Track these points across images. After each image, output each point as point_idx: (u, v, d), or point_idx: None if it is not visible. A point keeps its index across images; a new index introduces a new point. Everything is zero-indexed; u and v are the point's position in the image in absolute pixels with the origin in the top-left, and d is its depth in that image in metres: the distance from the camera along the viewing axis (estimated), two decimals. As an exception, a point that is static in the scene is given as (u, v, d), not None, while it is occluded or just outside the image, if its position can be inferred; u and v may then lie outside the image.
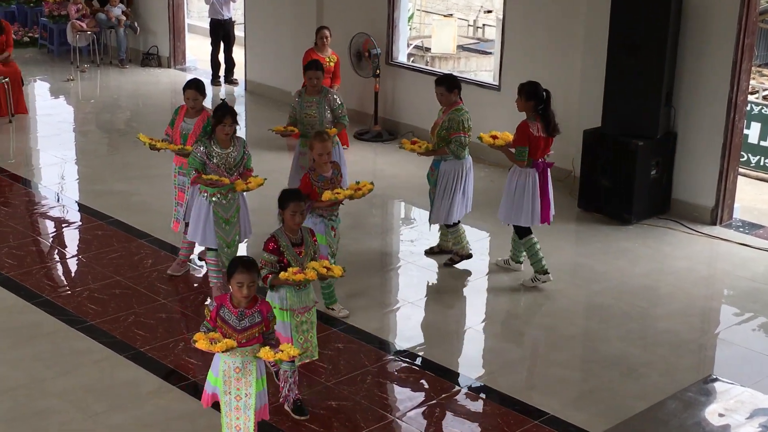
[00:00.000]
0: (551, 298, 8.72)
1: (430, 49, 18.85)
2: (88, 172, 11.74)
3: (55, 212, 10.54)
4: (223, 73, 15.91)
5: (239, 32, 16.14)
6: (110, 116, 14.17)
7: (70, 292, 8.57)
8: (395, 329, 8.21)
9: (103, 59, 16.98)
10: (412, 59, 16.48)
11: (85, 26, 16.77)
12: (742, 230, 10.28)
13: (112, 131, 13.52)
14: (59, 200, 10.83)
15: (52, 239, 9.82)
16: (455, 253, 9.30)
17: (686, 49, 10.23)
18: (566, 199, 11.01)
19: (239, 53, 15.76)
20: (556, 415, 6.91)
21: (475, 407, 7.13)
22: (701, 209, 10.47)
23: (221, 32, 15.67)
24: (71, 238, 9.84)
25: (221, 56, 15.84)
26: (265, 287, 6.61)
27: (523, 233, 8.88)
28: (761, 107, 12.58)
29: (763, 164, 12.38)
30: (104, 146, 12.75)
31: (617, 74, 10.24)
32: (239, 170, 8.02)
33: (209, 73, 16.01)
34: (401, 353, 7.71)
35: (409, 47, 15.87)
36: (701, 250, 9.84)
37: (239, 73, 15.77)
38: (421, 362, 7.61)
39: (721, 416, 7.01)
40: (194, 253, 9.03)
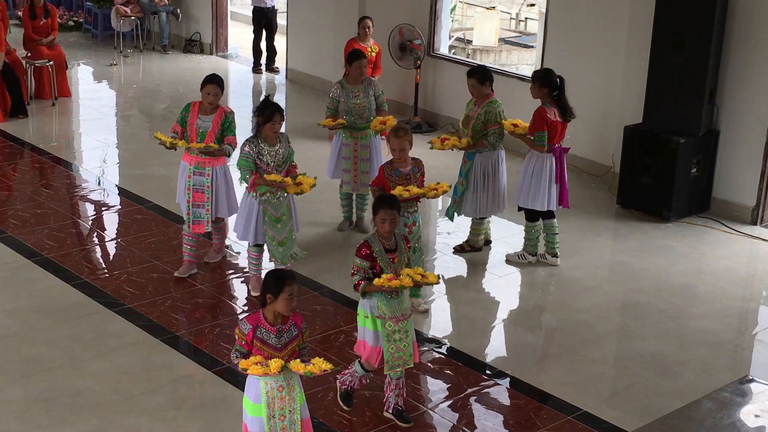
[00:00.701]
0: (587, 293, 8.69)
1: (471, 41, 18.79)
2: (128, 156, 11.84)
3: (95, 195, 10.64)
4: (264, 61, 15.97)
5: (281, 20, 16.19)
6: (152, 101, 14.26)
7: (108, 274, 8.66)
8: (429, 320, 8.21)
9: (146, 45, 17.10)
10: (453, 51, 16.45)
11: (129, 11, 16.89)
12: (783, 231, 10.19)
13: (153, 116, 13.61)
14: (100, 183, 10.93)
15: (91, 222, 9.91)
16: (467, 242, 9.42)
17: (731, 46, 10.13)
18: (605, 195, 10.97)
19: (281, 42, 15.81)
20: (589, 411, 6.89)
21: (507, 400, 7.12)
22: (742, 208, 10.38)
23: (264, 20, 15.72)
24: (111, 221, 9.93)
25: (263, 44, 15.89)
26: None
27: (533, 218, 9.05)
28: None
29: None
30: (145, 131, 12.83)
31: (660, 71, 10.16)
32: (286, 167, 7.93)
33: (251, 60, 16.08)
34: (433, 344, 7.71)
35: (450, 39, 15.83)
36: (741, 249, 9.75)
37: (280, 61, 15.82)
38: (453, 354, 7.61)
39: (756, 417, 6.95)
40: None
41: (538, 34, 12.82)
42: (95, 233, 9.62)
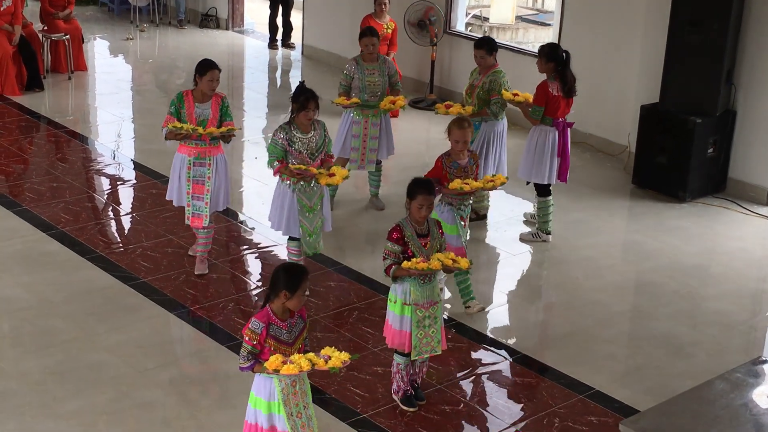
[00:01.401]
0: (601, 273, 8.68)
1: (488, 18, 18.71)
2: (144, 131, 11.86)
3: (110, 170, 10.67)
4: (280, 36, 15.94)
5: (298, -4, 16.16)
6: (167, 76, 14.27)
7: (123, 249, 8.69)
8: (444, 299, 8.23)
9: (162, 19, 17.09)
10: (469, 28, 16.37)
11: (145, -14, 16.88)
12: (798, 212, 10.15)
13: (169, 91, 13.62)
14: (115, 158, 10.96)
15: (107, 196, 9.94)
16: (472, 210, 9.38)
17: (750, 26, 10.06)
18: (620, 174, 10.94)
19: (297, 17, 15.78)
20: (601, 390, 6.90)
21: (520, 379, 7.13)
22: (758, 189, 10.34)
23: (280, -5, 15.69)
24: (126, 195, 9.96)
25: (279, 20, 15.86)
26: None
27: (544, 192, 9.11)
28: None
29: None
30: (161, 106, 12.83)
31: (678, 50, 10.10)
32: (321, 156, 7.68)
33: (266, 36, 16.06)
34: (448, 322, 7.73)
35: (467, 16, 15.78)
36: (756, 230, 9.72)
37: (296, 37, 15.79)
38: (465, 332, 7.62)
39: (769, 398, 6.94)
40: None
41: (555, 11, 12.74)
42: (110, 207, 9.66)
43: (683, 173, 10.19)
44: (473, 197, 9.23)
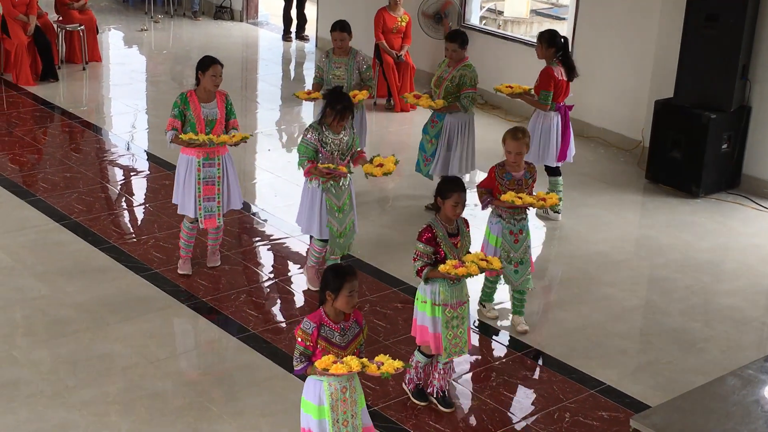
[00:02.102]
0: (614, 268, 8.67)
1: (503, 12, 18.68)
2: (157, 121, 11.87)
3: (124, 160, 10.69)
4: (294, 29, 15.94)
5: (312, -12, 16.15)
6: (182, 68, 14.28)
7: (136, 239, 8.71)
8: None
9: (176, 11, 17.11)
10: (484, 22, 16.35)
11: (160, -23, 16.90)
12: (813, 209, 10.11)
13: (183, 82, 13.64)
14: (129, 149, 10.98)
15: (120, 187, 9.96)
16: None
17: (766, 21, 10.01)
18: (634, 169, 10.91)
19: (311, 10, 15.77)
20: (612, 385, 6.89)
21: (531, 373, 7.13)
22: (772, 186, 10.31)
23: (295, -12, 15.69)
24: (139, 186, 9.98)
25: (293, 12, 15.86)
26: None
27: (554, 172, 9.32)
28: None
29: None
30: (175, 97, 12.86)
31: (693, 44, 10.06)
32: (351, 155, 7.57)
33: (281, 28, 16.06)
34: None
35: (482, 10, 15.74)
36: (770, 227, 9.70)
37: (310, 29, 15.79)
38: (478, 326, 7.62)
39: (781, 396, 6.92)
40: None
41: (569, 5, 12.72)
42: (124, 198, 9.68)
43: (697, 169, 10.15)
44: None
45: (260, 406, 6.47)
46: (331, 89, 7.68)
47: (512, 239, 7.27)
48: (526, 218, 7.34)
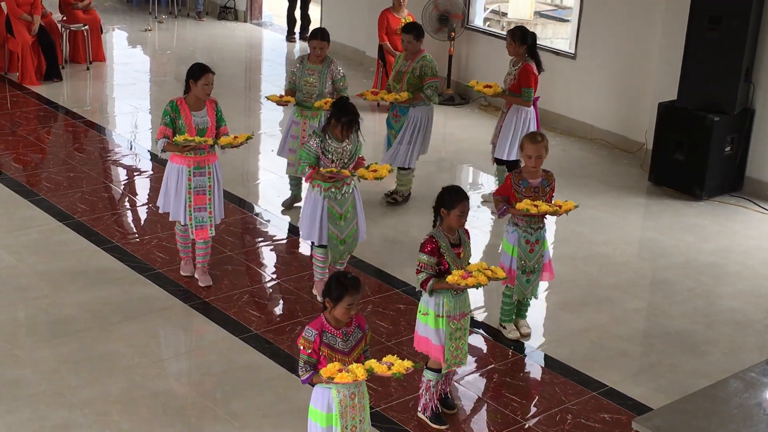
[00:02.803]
0: (616, 270, 8.66)
1: (506, 14, 18.68)
2: (161, 122, 11.86)
3: (127, 160, 10.70)
4: (298, 30, 15.95)
5: (316, -11, 16.16)
6: (185, 68, 14.14)
7: (139, 239, 8.72)
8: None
9: (180, 11, 17.13)
10: (488, 24, 16.35)
11: (164, -23, 16.92)
12: (816, 212, 10.10)
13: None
14: (132, 148, 10.99)
15: (123, 186, 9.97)
16: (399, 193, 9.70)
17: (769, 24, 10.02)
18: (637, 171, 10.91)
19: (315, 10, 15.78)
20: (614, 387, 6.89)
21: (533, 375, 7.13)
22: (775, 188, 10.31)
23: (298, -12, 15.70)
24: (142, 186, 9.99)
25: (297, 13, 15.86)
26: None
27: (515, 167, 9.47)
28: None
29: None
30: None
31: (697, 47, 10.05)
32: (353, 163, 7.47)
33: (284, 29, 16.07)
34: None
35: (485, 11, 15.75)
36: (773, 230, 9.69)
37: (314, 30, 15.79)
38: (479, 327, 7.61)
39: (783, 398, 6.91)
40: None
41: (574, 7, 12.73)
42: (127, 198, 9.69)
43: (700, 171, 10.15)
44: (398, 180, 9.52)
45: (262, 406, 6.47)
46: (337, 100, 7.58)
47: (527, 248, 7.16)
48: (543, 227, 7.21)
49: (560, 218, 9.48)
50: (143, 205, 9.55)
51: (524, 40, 9.18)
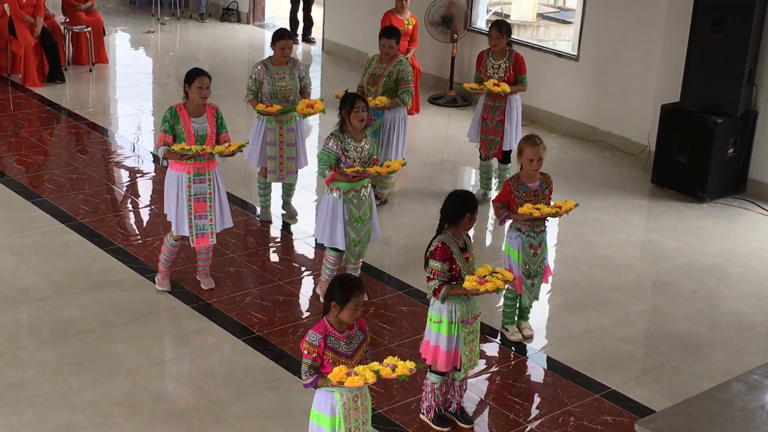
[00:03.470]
0: (619, 272, 8.66)
1: (509, 15, 18.67)
2: (164, 124, 11.89)
3: (130, 162, 10.70)
4: (301, 31, 15.96)
5: (319, -9, 16.17)
6: (188, 69, 14.24)
7: (141, 241, 8.72)
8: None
9: (183, 13, 17.14)
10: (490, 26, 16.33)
11: (167, -21, 16.93)
12: (819, 214, 10.09)
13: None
14: (135, 150, 10.99)
15: (126, 188, 9.97)
16: (379, 196, 9.66)
17: (772, 26, 10.01)
18: (640, 173, 10.90)
19: (318, 12, 15.78)
20: (617, 389, 6.88)
21: (536, 377, 7.12)
22: (778, 190, 10.29)
23: (301, -10, 15.70)
24: (145, 188, 9.99)
25: (300, 14, 15.87)
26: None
27: (507, 159, 9.80)
28: None
29: None
30: (181, 99, 12.86)
31: (700, 49, 10.04)
32: (371, 163, 7.42)
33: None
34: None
35: (488, 13, 15.74)
36: (776, 232, 9.68)
37: (317, 32, 15.80)
38: (482, 329, 7.60)
39: (786, 401, 6.91)
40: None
41: (576, 9, 12.72)
42: (129, 199, 9.69)
43: (703, 173, 10.14)
44: (380, 181, 9.49)
45: (265, 408, 6.47)
46: (344, 96, 7.50)
47: (531, 252, 7.15)
48: (545, 230, 7.21)
49: (563, 220, 9.47)
50: (146, 206, 9.55)
51: (509, 33, 9.50)
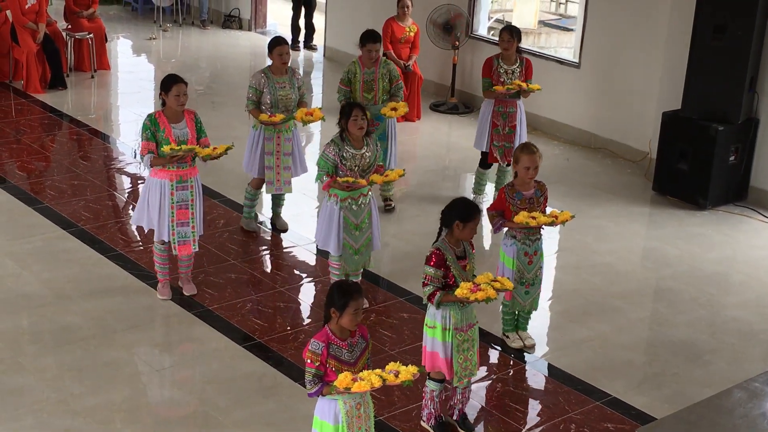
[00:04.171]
0: (620, 279, 8.65)
1: (511, 23, 18.70)
2: (165, 130, 11.90)
3: (131, 168, 10.71)
4: (302, 38, 15.97)
5: (321, -2, 16.19)
6: (190, 76, 14.24)
7: (142, 247, 8.72)
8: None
9: (185, 19, 17.16)
10: (492, 33, 16.35)
11: (169, -14, 16.95)
12: (820, 222, 10.09)
13: (190, 91, 13.64)
14: (136, 156, 10.99)
15: (127, 195, 9.98)
16: (390, 198, 9.80)
17: (774, 33, 10.02)
18: (641, 181, 10.90)
19: (319, 19, 15.80)
20: (618, 397, 6.88)
21: (537, 384, 7.12)
22: (780, 198, 10.29)
23: (303, -3, 15.72)
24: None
25: (302, 21, 15.89)
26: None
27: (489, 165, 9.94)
28: None
29: None
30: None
31: (701, 56, 10.05)
32: (372, 171, 7.44)
33: (289, 37, 16.08)
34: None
35: (490, 20, 15.76)
36: (777, 239, 9.68)
37: (319, 39, 15.82)
38: (482, 336, 7.60)
39: (787, 409, 6.90)
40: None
41: (578, 17, 12.75)
42: (131, 206, 9.69)
43: (704, 180, 10.14)
44: (386, 186, 9.52)
45: (266, 415, 6.46)
46: (345, 104, 7.52)
47: (526, 260, 7.14)
48: (540, 238, 7.21)
49: (564, 228, 9.46)
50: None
51: (520, 37, 9.56)
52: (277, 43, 8.69)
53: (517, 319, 7.47)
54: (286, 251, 8.89)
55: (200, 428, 6.31)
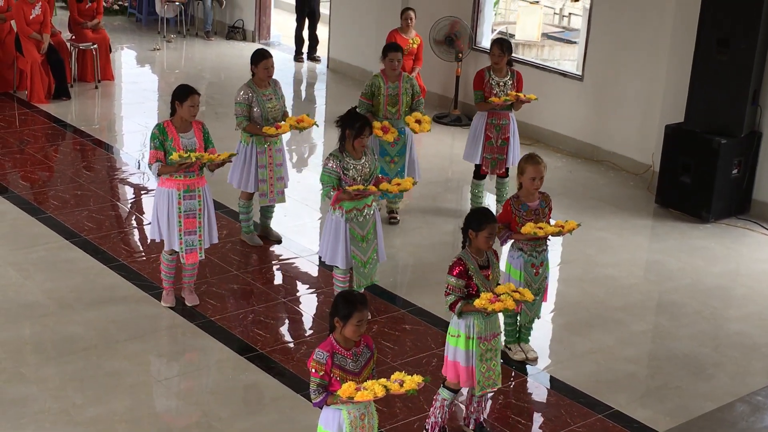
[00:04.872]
0: (623, 292, 8.65)
1: (514, 35, 18.72)
2: (169, 141, 11.90)
3: (134, 179, 10.72)
4: (306, 49, 15.99)
5: (325, 9, 16.21)
6: (193, 87, 14.30)
7: (145, 258, 8.72)
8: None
9: (189, 30, 17.19)
10: (495, 45, 16.36)
11: (173, -3, 16.98)
12: (823, 235, 10.08)
13: (194, 102, 13.68)
14: (139, 167, 11.00)
15: (130, 205, 9.99)
16: (396, 211, 9.79)
17: (777, 47, 10.02)
18: (644, 194, 10.90)
19: (323, 31, 15.83)
20: (620, 410, 6.86)
21: (539, 396, 7.11)
22: (782, 212, 10.28)
23: (307, 9, 15.74)
24: (149, 204, 9.97)
25: (305, 33, 15.91)
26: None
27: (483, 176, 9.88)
28: None
29: None
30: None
31: (704, 69, 10.06)
32: (373, 181, 7.45)
33: (292, 49, 16.11)
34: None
35: (493, 33, 15.78)
36: (780, 253, 9.67)
37: (322, 50, 15.84)
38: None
39: (790, 422, 6.88)
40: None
41: (581, 29, 12.77)
42: (134, 216, 9.70)
43: (707, 194, 10.14)
44: (396, 199, 9.50)
45: (267, 426, 6.45)
46: (345, 113, 7.52)
47: (533, 272, 7.14)
48: (546, 249, 7.21)
49: (567, 240, 9.48)
50: (150, 223, 9.54)
51: (510, 50, 9.49)
52: (263, 56, 8.65)
53: (519, 330, 7.46)
54: (288, 262, 8.89)
55: (202, 439, 6.31)
